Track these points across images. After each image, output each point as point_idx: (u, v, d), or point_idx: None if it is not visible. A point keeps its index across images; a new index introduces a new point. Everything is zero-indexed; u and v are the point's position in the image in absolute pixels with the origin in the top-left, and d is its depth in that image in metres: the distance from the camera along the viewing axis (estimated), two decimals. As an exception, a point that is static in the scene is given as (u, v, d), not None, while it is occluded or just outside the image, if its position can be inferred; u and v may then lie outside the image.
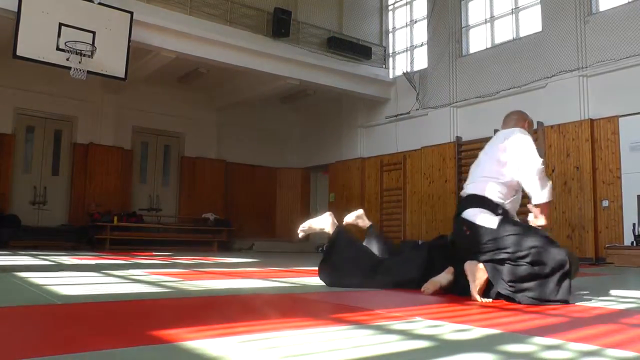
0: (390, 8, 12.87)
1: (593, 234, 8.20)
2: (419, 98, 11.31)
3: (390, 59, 12.64)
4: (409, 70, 11.68)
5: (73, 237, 10.55)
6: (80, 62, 8.15)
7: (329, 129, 13.47)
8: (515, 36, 9.93)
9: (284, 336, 1.55)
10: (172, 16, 9.45)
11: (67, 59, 8.08)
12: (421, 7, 11.92)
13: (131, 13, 8.66)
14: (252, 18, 10.72)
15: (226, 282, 3.55)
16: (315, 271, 3.32)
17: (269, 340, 1.48)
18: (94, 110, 11.60)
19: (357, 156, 12.64)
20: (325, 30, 11.81)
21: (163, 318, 1.98)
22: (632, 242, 7.52)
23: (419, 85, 11.34)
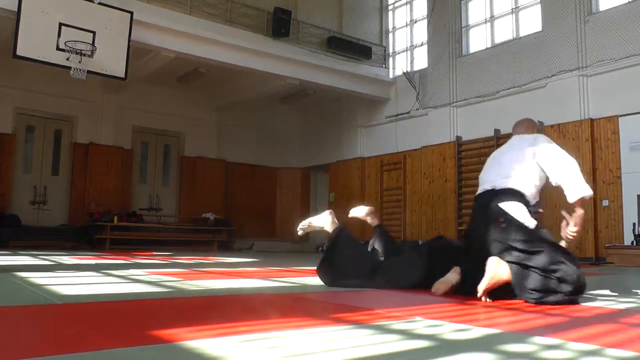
0: (390, 8, 12.87)
1: (593, 233, 8.20)
2: (419, 98, 11.31)
3: (390, 59, 12.64)
4: (409, 70, 11.68)
5: (73, 237, 10.55)
6: (80, 62, 8.15)
7: (329, 129, 13.47)
8: (515, 36, 9.93)
9: (283, 336, 1.55)
10: (172, 16, 9.45)
11: (67, 59, 8.08)
12: (421, 7, 11.92)
13: (131, 13, 8.66)
14: (252, 18, 10.72)
15: (226, 282, 3.55)
16: (315, 271, 3.32)
17: (269, 340, 1.48)
18: (94, 110, 11.61)
19: (357, 156, 12.64)
20: (325, 30, 11.82)
21: (163, 318, 1.98)
22: (632, 242, 7.52)
23: (419, 85, 11.35)
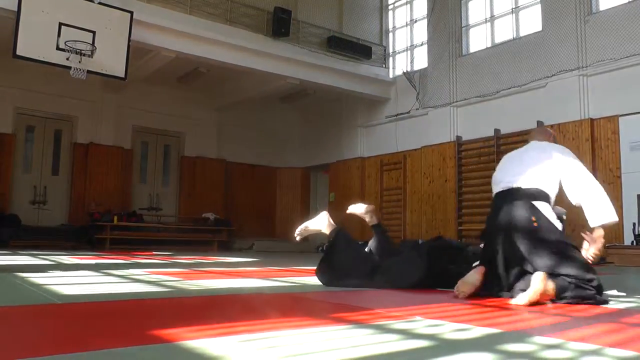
0: (390, 7, 12.87)
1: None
2: (419, 97, 11.31)
3: (390, 59, 12.64)
4: (409, 69, 11.68)
5: (73, 237, 10.54)
6: (80, 62, 8.15)
7: (329, 129, 13.47)
8: (515, 35, 9.93)
9: (283, 336, 1.55)
10: (172, 16, 9.45)
11: (67, 59, 8.08)
12: (421, 7, 11.92)
13: (131, 13, 8.66)
14: (252, 17, 10.72)
15: (226, 282, 3.55)
16: (315, 271, 3.31)
17: (268, 340, 1.48)
18: (94, 109, 11.61)
19: (357, 156, 12.64)
20: (325, 30, 11.81)
21: (163, 317, 1.98)
22: (632, 242, 7.52)
23: (419, 84, 11.34)
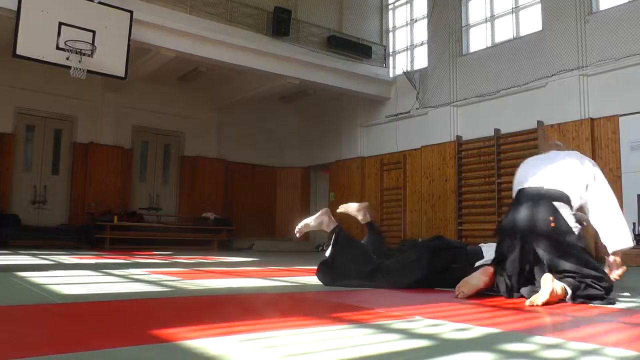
0: (390, 7, 12.87)
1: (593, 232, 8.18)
2: (419, 97, 11.30)
3: (391, 58, 12.64)
4: (409, 69, 11.67)
5: (73, 237, 10.53)
6: (80, 61, 8.13)
7: (329, 128, 13.47)
8: (515, 35, 9.92)
9: (283, 335, 1.55)
10: (172, 15, 9.44)
11: (67, 58, 8.07)
12: (421, 6, 11.91)
13: (131, 12, 8.65)
14: (252, 17, 10.72)
15: (226, 282, 3.55)
16: (315, 271, 3.31)
17: (268, 340, 1.48)
18: (94, 109, 11.60)
19: (357, 155, 12.64)
20: (326, 29, 11.81)
21: (163, 317, 1.98)
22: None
23: (419, 84, 11.34)
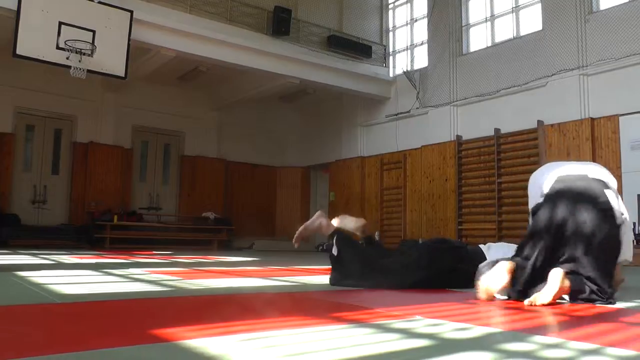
0: (390, 7, 12.87)
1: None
2: (419, 97, 11.30)
3: (391, 58, 12.64)
4: (409, 68, 11.67)
5: (73, 236, 10.54)
6: (80, 61, 8.14)
7: (329, 128, 13.47)
8: (515, 35, 9.92)
9: (283, 335, 1.55)
10: (172, 15, 9.45)
11: (67, 58, 8.08)
12: (421, 6, 11.91)
13: (131, 12, 8.65)
14: (252, 16, 10.72)
15: (226, 281, 3.55)
16: (315, 270, 3.31)
17: (268, 339, 1.48)
18: (94, 109, 11.60)
19: (357, 155, 12.64)
20: (326, 29, 11.81)
21: (163, 317, 1.98)
22: (632, 241, 7.51)
23: (419, 83, 11.34)
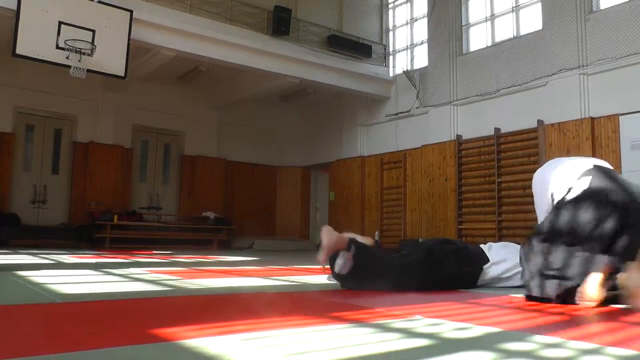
0: (390, 6, 12.86)
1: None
2: (419, 96, 11.30)
3: (391, 57, 12.63)
4: (409, 68, 11.67)
5: (73, 236, 10.54)
6: (80, 61, 8.14)
7: (329, 128, 13.47)
8: (515, 34, 9.92)
9: (283, 334, 1.55)
10: (172, 14, 9.44)
11: (67, 58, 8.07)
12: (421, 5, 11.91)
13: (131, 11, 8.65)
14: (252, 16, 10.71)
15: (226, 281, 3.55)
16: (315, 270, 3.31)
17: (268, 339, 1.48)
18: (93, 108, 11.60)
19: (358, 154, 12.64)
20: (326, 29, 11.81)
21: (163, 316, 1.98)
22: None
23: (419, 83, 11.34)
